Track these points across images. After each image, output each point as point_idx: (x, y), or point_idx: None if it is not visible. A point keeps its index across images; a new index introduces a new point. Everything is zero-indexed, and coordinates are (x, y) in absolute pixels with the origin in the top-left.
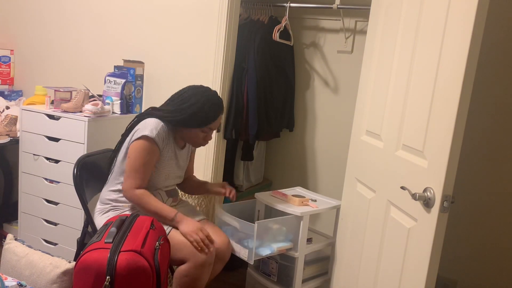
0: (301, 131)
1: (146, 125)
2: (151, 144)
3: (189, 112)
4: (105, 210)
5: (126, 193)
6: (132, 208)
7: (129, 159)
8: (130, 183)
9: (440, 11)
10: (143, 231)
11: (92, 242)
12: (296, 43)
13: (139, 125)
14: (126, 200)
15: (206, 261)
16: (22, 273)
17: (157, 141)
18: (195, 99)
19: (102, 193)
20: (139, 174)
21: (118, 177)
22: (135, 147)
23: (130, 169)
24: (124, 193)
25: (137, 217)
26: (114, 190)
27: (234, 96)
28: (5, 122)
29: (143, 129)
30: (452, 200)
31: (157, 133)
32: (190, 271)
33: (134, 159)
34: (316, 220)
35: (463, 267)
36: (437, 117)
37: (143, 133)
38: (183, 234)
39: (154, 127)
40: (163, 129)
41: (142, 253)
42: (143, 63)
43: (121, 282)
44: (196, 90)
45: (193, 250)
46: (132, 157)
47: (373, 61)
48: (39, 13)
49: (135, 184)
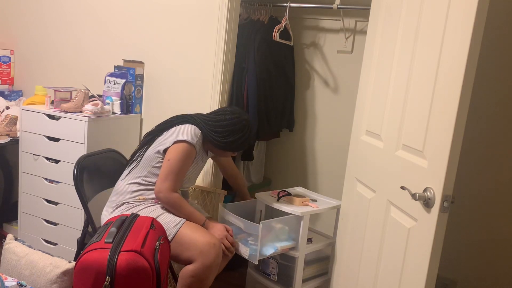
0: (301, 131)
1: (187, 130)
2: (191, 149)
3: (231, 144)
4: (119, 204)
5: (162, 194)
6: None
7: (170, 161)
8: (168, 185)
9: (440, 10)
10: (143, 231)
11: (92, 242)
12: (296, 43)
13: (180, 127)
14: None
15: (214, 262)
16: (22, 273)
17: (197, 148)
18: (238, 133)
19: (119, 186)
20: (178, 177)
21: (142, 171)
22: (178, 150)
23: (170, 171)
24: (160, 193)
25: (137, 217)
26: (134, 183)
27: (234, 96)
28: (5, 122)
29: (185, 133)
30: (452, 200)
31: (197, 140)
32: (197, 272)
33: (175, 162)
34: (316, 220)
35: (463, 267)
36: (437, 117)
37: (185, 138)
38: None
39: (195, 134)
40: (200, 139)
41: (142, 253)
42: (143, 63)
43: (121, 282)
44: (237, 119)
45: (202, 251)
46: (174, 160)
47: (373, 61)
48: (39, 13)
49: (173, 187)
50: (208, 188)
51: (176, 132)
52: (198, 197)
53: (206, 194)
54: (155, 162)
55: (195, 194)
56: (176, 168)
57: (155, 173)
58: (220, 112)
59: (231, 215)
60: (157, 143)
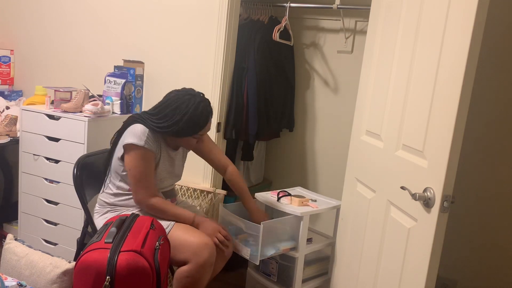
0: (301, 131)
1: (133, 132)
2: (145, 151)
3: (178, 122)
4: (103, 212)
5: (142, 205)
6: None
7: (130, 171)
8: (142, 194)
9: (440, 10)
10: (143, 231)
11: (92, 242)
12: (296, 43)
13: (128, 130)
14: (125, 204)
15: (208, 261)
16: (22, 273)
17: (149, 148)
18: (183, 109)
19: (100, 196)
20: (145, 182)
21: (114, 181)
22: (131, 157)
23: (134, 181)
24: (140, 205)
25: (137, 217)
26: (112, 193)
27: (234, 96)
28: (5, 122)
29: (130, 136)
30: (452, 200)
31: (146, 139)
32: (191, 272)
33: (134, 169)
34: (316, 220)
35: (463, 267)
36: (437, 117)
37: (131, 141)
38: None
39: (142, 133)
40: (151, 135)
41: (142, 253)
42: (143, 63)
43: (121, 282)
44: (183, 98)
45: (194, 251)
46: (132, 168)
47: (373, 61)
48: (39, 13)
49: (147, 194)
50: (208, 188)
51: (124, 136)
52: (199, 197)
53: (206, 194)
54: (121, 170)
55: (196, 195)
56: (138, 175)
57: (126, 180)
58: (161, 101)
59: (231, 216)
60: (117, 149)
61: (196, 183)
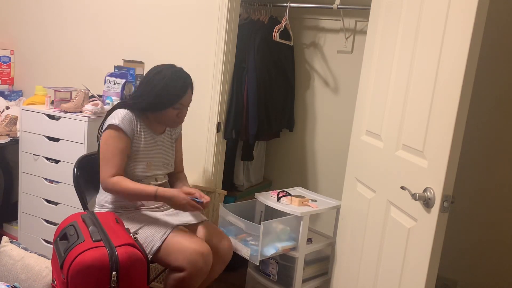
0: (301, 131)
1: (112, 116)
2: (117, 131)
3: (154, 94)
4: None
5: (103, 184)
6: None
7: (100, 151)
8: (104, 172)
9: (440, 10)
10: (117, 226)
11: (75, 244)
12: (296, 43)
13: (109, 116)
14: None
15: (202, 270)
16: (18, 277)
17: (123, 128)
18: (157, 79)
19: (99, 195)
20: (111, 162)
21: None
22: (103, 138)
23: (102, 159)
24: (102, 184)
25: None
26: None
27: (234, 96)
28: (5, 122)
29: (109, 120)
30: (452, 200)
31: (122, 119)
32: (185, 279)
33: (103, 150)
34: (316, 220)
35: (463, 267)
36: (437, 117)
37: (109, 122)
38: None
39: (119, 116)
40: (128, 116)
41: (135, 245)
42: (143, 63)
43: (125, 275)
44: (158, 69)
45: (190, 259)
46: (102, 148)
47: (373, 61)
48: (39, 13)
49: (109, 173)
50: (208, 188)
51: (103, 123)
52: None
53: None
54: None
55: None
56: (105, 154)
57: None
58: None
59: (231, 215)
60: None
61: (196, 183)
